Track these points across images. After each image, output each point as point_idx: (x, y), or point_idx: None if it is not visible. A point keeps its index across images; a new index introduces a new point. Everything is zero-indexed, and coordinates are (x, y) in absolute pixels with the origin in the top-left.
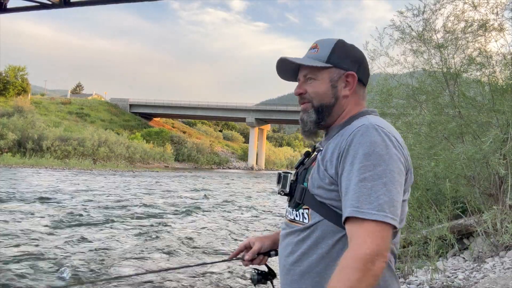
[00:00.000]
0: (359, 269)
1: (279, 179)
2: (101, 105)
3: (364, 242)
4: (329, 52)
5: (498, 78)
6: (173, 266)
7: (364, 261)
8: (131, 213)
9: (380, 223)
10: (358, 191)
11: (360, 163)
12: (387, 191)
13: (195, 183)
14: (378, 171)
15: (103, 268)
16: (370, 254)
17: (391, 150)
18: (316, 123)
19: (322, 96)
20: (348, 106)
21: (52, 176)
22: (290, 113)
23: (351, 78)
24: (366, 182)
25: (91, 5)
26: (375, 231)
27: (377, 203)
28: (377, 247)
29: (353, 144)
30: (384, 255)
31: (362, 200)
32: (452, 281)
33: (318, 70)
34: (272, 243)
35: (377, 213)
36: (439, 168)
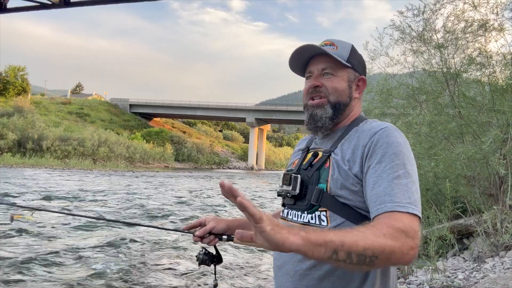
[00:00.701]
0: (394, 236)
1: (290, 181)
2: (101, 105)
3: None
4: (348, 53)
5: (498, 78)
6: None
7: (401, 233)
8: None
9: (416, 217)
10: (395, 188)
11: (391, 162)
12: (416, 188)
13: (197, 183)
14: (408, 169)
15: None
16: (407, 233)
17: (411, 153)
18: (331, 119)
19: (340, 93)
20: (354, 109)
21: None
22: (290, 113)
23: (362, 83)
24: (401, 179)
25: (91, 5)
26: (414, 223)
27: (414, 199)
28: (415, 233)
29: (380, 143)
30: (417, 244)
31: (401, 196)
32: (452, 281)
33: (339, 67)
34: (226, 226)
35: (415, 208)
36: (439, 168)
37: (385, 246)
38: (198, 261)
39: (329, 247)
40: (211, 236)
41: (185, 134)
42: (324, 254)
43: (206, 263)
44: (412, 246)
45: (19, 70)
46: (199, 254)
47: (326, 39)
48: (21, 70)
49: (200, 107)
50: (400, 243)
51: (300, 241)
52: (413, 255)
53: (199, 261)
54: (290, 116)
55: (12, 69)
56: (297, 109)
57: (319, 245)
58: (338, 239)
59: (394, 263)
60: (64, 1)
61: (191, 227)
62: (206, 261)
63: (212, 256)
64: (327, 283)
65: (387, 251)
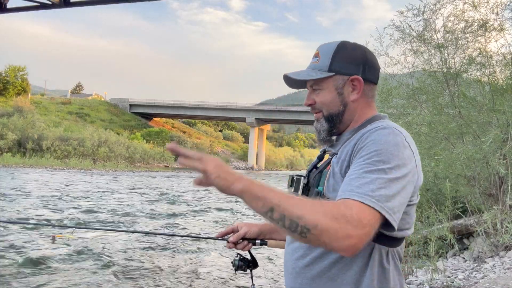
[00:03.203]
0: (334, 217)
1: (292, 183)
2: (101, 105)
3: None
4: (329, 60)
5: (498, 78)
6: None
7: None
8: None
9: (371, 209)
10: (361, 180)
11: (370, 158)
12: (389, 187)
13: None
14: (386, 167)
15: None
16: (351, 220)
17: (403, 153)
18: (328, 131)
19: (329, 105)
20: (359, 110)
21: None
22: (290, 113)
23: (357, 82)
24: (371, 174)
25: (91, 5)
26: (364, 214)
27: (379, 194)
28: (359, 222)
29: (368, 141)
30: (358, 234)
31: (363, 187)
32: (452, 281)
33: (321, 80)
34: (259, 231)
35: (375, 202)
36: (439, 168)
37: (319, 222)
38: (234, 267)
39: (267, 203)
40: (244, 242)
41: (185, 134)
42: (261, 208)
43: (242, 268)
44: (349, 234)
45: (19, 70)
46: (235, 260)
47: (318, 48)
48: (21, 70)
49: (200, 107)
50: (338, 226)
51: (241, 187)
52: (350, 245)
53: (235, 267)
54: (290, 116)
55: (12, 69)
56: (297, 109)
57: (258, 198)
58: (277, 198)
59: (326, 244)
60: (64, 1)
61: (224, 234)
62: (242, 267)
63: (248, 261)
64: (318, 283)
65: (319, 228)
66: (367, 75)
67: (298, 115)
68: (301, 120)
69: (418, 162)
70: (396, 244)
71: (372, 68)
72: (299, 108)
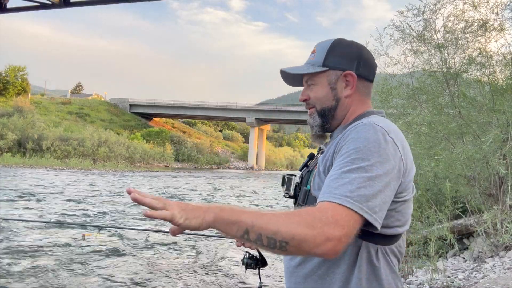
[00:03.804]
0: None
1: (283, 182)
2: (101, 105)
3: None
4: (324, 55)
5: (498, 78)
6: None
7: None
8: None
9: (349, 211)
10: (340, 180)
11: (349, 157)
12: (369, 185)
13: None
14: (365, 165)
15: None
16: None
17: (383, 149)
18: (321, 127)
19: (322, 100)
20: (352, 106)
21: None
22: (290, 113)
23: (350, 77)
24: (350, 173)
25: (91, 5)
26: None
27: (357, 194)
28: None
29: (347, 139)
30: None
31: (341, 188)
32: (452, 281)
33: (316, 75)
34: None
35: (353, 202)
36: (439, 168)
37: (295, 233)
38: (243, 265)
39: (241, 227)
40: None
41: (185, 134)
42: (236, 232)
43: (251, 266)
44: (328, 237)
45: (19, 70)
46: (244, 258)
47: (315, 45)
48: (21, 70)
49: (200, 107)
50: (316, 232)
51: (212, 219)
52: (330, 248)
53: (245, 265)
54: (290, 116)
55: (12, 69)
56: (297, 109)
57: (231, 223)
58: (250, 219)
59: (308, 252)
60: (64, 1)
61: None
62: (251, 265)
63: (256, 259)
64: (310, 282)
65: (297, 238)
66: (361, 71)
67: (298, 115)
68: (301, 120)
69: (405, 156)
70: (387, 242)
71: (367, 65)
72: (299, 108)
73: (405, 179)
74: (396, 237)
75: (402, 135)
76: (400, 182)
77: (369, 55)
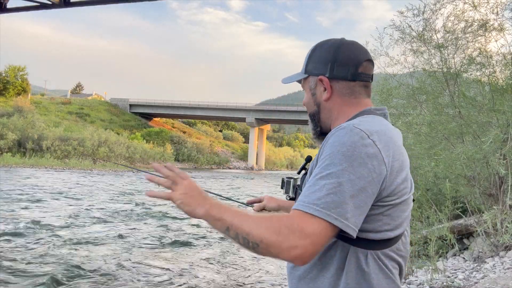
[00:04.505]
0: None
1: (283, 184)
2: (101, 105)
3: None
4: (306, 62)
5: (498, 78)
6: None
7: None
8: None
9: (320, 220)
10: (310, 188)
11: (323, 163)
12: (339, 191)
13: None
14: (337, 170)
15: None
16: (293, 231)
17: (359, 152)
18: (314, 130)
19: (308, 106)
20: (336, 109)
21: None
22: (290, 113)
23: (324, 82)
24: (321, 180)
25: (91, 5)
26: (307, 223)
27: (323, 200)
28: (301, 232)
29: (325, 145)
30: (303, 244)
31: (311, 196)
32: (452, 281)
33: (303, 82)
34: (277, 206)
35: (321, 210)
36: (439, 168)
37: (263, 237)
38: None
39: (224, 223)
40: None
41: (185, 134)
42: (220, 228)
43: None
44: (293, 245)
45: (19, 70)
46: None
47: None
48: (21, 70)
49: (200, 107)
50: (281, 238)
51: (202, 213)
52: (296, 255)
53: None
54: (290, 116)
55: (12, 69)
56: (297, 109)
57: (217, 220)
58: (230, 219)
59: (276, 256)
60: (64, 1)
61: (252, 201)
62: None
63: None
64: (302, 284)
65: (264, 242)
66: (336, 73)
67: (298, 115)
68: (301, 120)
69: (391, 159)
70: (378, 247)
71: (343, 64)
72: (299, 108)
73: (391, 182)
74: (389, 241)
75: (392, 136)
76: (383, 185)
77: (347, 53)
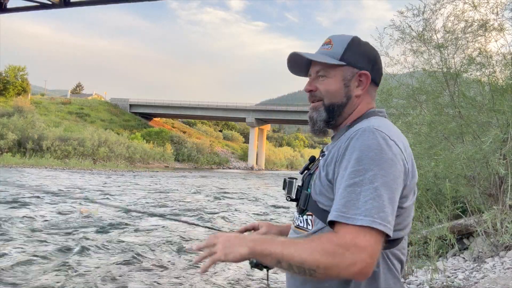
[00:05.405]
0: (331, 253)
1: (284, 185)
2: (101, 105)
3: (347, 238)
4: (343, 49)
5: (498, 78)
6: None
7: (339, 248)
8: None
9: (366, 228)
10: (346, 196)
11: (351, 168)
12: (377, 196)
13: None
14: (369, 175)
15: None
16: (347, 248)
17: (386, 154)
18: (326, 122)
19: (333, 95)
20: (359, 106)
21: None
22: (290, 113)
23: (365, 78)
24: (356, 187)
25: (91, 5)
26: (357, 236)
27: (365, 208)
28: (355, 247)
29: (349, 148)
30: (361, 259)
31: (349, 206)
32: (452, 281)
33: (331, 68)
34: (278, 233)
35: (364, 218)
36: (439, 168)
37: (319, 263)
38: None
39: (273, 258)
40: None
41: (185, 134)
42: (271, 262)
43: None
44: (352, 262)
45: (19, 70)
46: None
47: (329, 37)
48: (21, 70)
49: (200, 107)
50: (338, 259)
51: (247, 252)
52: (356, 271)
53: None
54: (290, 116)
55: (12, 69)
56: (297, 109)
57: (265, 255)
58: (280, 251)
59: (337, 276)
60: (64, 1)
61: (244, 229)
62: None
63: None
64: (308, 286)
65: (322, 267)
66: (374, 74)
67: (298, 115)
68: (301, 120)
69: (409, 158)
70: (389, 246)
71: (379, 70)
72: (299, 108)
73: (410, 182)
74: (398, 240)
75: (404, 137)
76: (405, 184)
77: (379, 59)
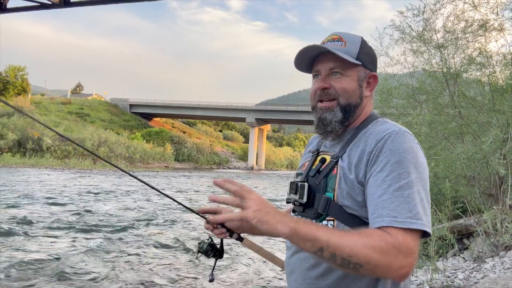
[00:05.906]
0: (384, 251)
1: (296, 189)
2: (101, 105)
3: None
4: (358, 49)
5: (498, 78)
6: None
7: (393, 249)
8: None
9: (416, 232)
10: (395, 200)
11: (394, 171)
12: (421, 199)
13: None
14: (412, 179)
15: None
16: (401, 250)
17: (420, 158)
18: (341, 123)
19: (350, 94)
20: (365, 108)
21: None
22: (290, 113)
23: (373, 79)
24: (403, 191)
25: (91, 5)
26: (410, 240)
27: (416, 211)
28: (408, 250)
29: (384, 150)
30: (410, 262)
31: (401, 209)
32: (452, 281)
33: (348, 66)
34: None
35: (417, 222)
36: (439, 168)
37: (371, 259)
38: (198, 249)
39: (316, 244)
40: (223, 229)
41: (185, 134)
42: (310, 248)
43: (207, 254)
44: (402, 265)
45: (19, 70)
46: (203, 243)
47: (334, 33)
48: (21, 70)
49: (200, 107)
50: (390, 259)
51: (287, 231)
52: (404, 274)
53: (201, 249)
54: (290, 116)
55: (12, 69)
56: (297, 109)
57: (307, 240)
58: (326, 238)
59: (380, 276)
60: (64, 1)
61: (206, 211)
62: (208, 252)
63: (216, 249)
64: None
65: (372, 264)
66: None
67: (298, 115)
68: (301, 120)
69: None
70: None
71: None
72: (299, 108)
73: None
74: None
75: None
76: None
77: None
